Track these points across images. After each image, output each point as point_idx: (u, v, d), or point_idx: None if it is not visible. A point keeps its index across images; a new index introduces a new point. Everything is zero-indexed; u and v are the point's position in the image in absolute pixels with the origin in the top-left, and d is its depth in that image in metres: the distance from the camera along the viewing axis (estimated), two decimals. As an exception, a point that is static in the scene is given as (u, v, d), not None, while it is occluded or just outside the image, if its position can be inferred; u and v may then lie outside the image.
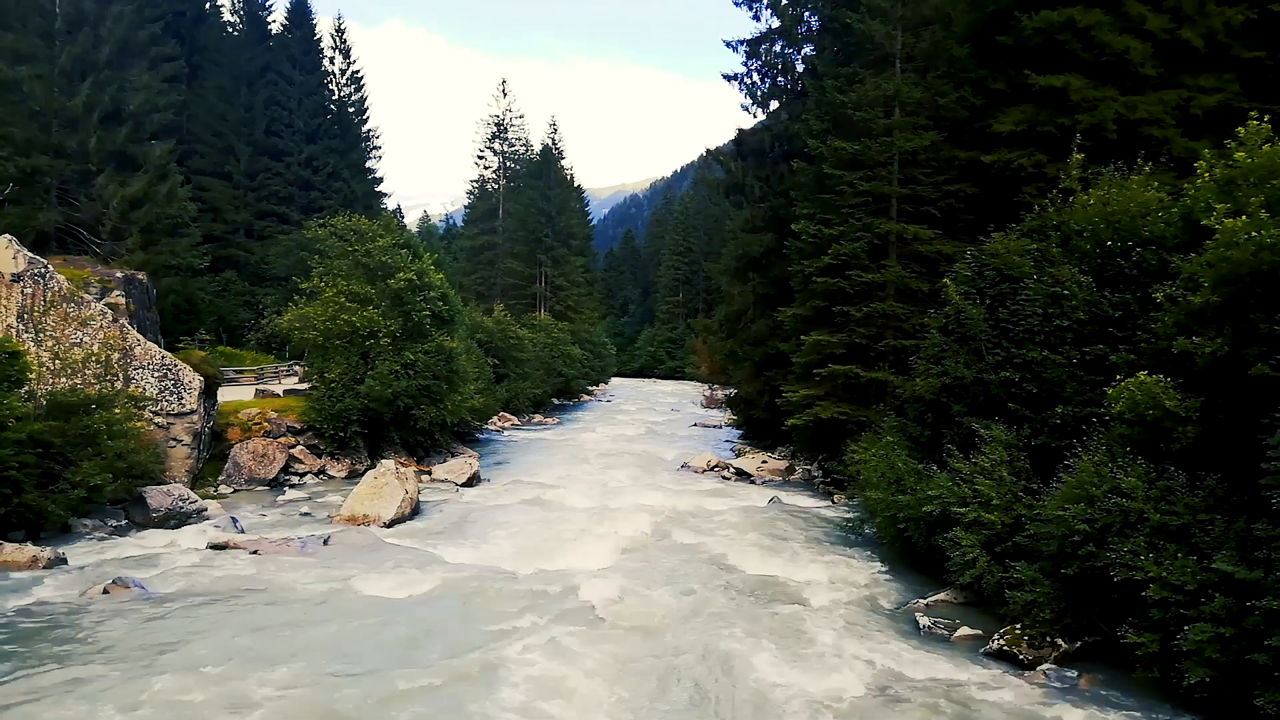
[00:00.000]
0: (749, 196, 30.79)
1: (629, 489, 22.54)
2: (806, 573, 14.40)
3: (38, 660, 9.50)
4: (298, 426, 23.40)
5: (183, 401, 19.69)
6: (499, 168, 70.94)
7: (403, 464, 21.25)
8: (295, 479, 22.21)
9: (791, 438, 25.96)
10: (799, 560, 15.22)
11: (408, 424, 24.77)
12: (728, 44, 30.31)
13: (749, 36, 29.70)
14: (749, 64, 30.00)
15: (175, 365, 19.83)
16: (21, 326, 18.06)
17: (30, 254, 18.72)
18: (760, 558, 15.34)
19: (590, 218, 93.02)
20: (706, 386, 50.00)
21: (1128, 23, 17.19)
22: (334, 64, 50.41)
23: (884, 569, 14.78)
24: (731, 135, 32.25)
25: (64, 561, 13.47)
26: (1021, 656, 10.33)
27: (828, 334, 21.22)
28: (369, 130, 53.31)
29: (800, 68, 29.53)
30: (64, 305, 18.48)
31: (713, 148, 34.83)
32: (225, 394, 24.11)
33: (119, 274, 22.61)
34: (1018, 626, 10.72)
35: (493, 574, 13.78)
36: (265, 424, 22.90)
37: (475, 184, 72.70)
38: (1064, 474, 10.76)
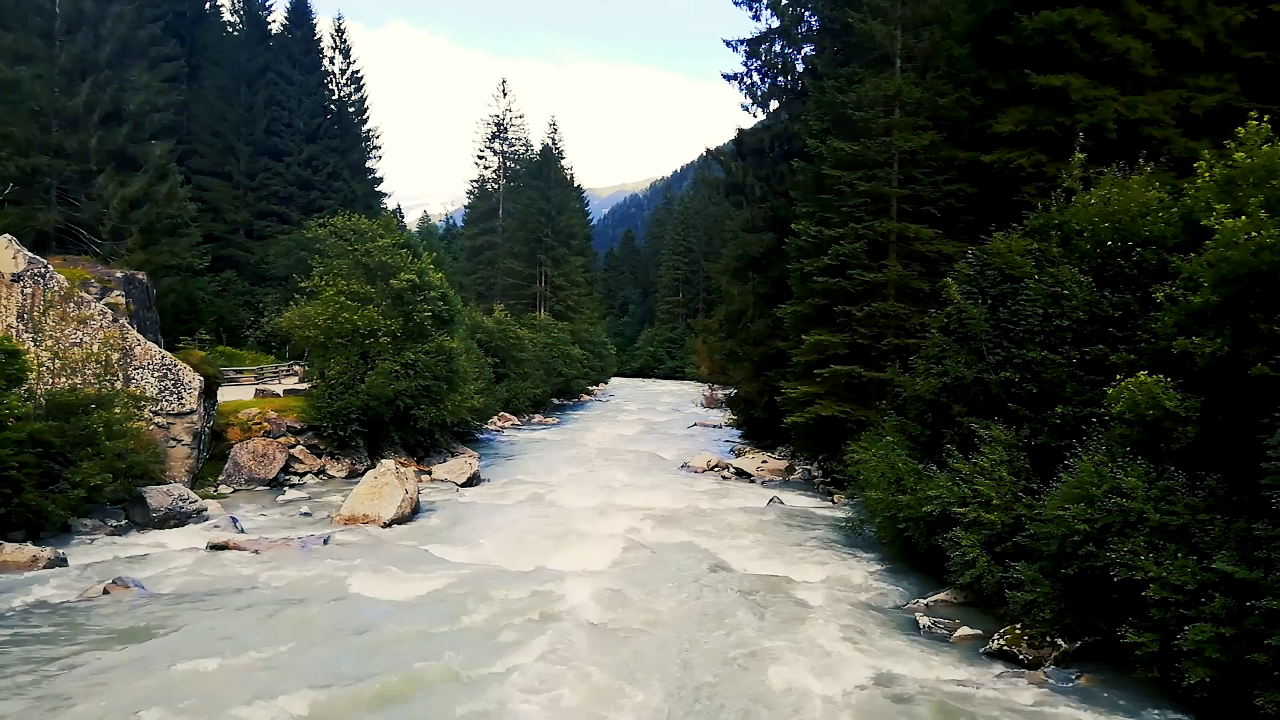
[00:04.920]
0: (749, 196, 30.78)
1: (628, 489, 22.55)
2: (806, 573, 14.40)
3: (38, 660, 9.49)
4: (298, 426, 23.40)
5: (183, 401, 19.68)
6: (499, 168, 70.96)
7: (403, 464, 21.24)
8: (295, 479, 22.21)
9: (791, 437, 25.95)
10: (799, 560, 15.22)
11: (408, 424, 24.78)
12: (728, 44, 30.37)
13: (749, 36, 29.75)
14: (749, 64, 30.03)
15: (175, 365, 19.82)
16: (21, 326, 18.06)
17: (30, 254, 18.72)
18: (760, 558, 15.35)
19: (590, 218, 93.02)
20: (706, 386, 49.94)
21: (1128, 23, 17.19)
22: (334, 64, 50.45)
23: (884, 569, 14.78)
24: (731, 135, 32.27)
25: (64, 561, 13.46)
26: (1021, 656, 10.33)
27: (829, 333, 21.21)
28: (369, 130, 53.36)
29: (800, 68, 29.54)
30: (64, 305, 18.48)
31: (713, 147, 34.82)
32: (225, 394, 24.11)
33: (119, 274, 22.61)
34: (1018, 626, 10.72)
35: (492, 574, 13.78)
36: (265, 424, 22.90)
37: (475, 184, 72.70)
38: (1064, 474, 10.75)
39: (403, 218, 68.76)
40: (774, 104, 30.82)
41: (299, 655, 9.89)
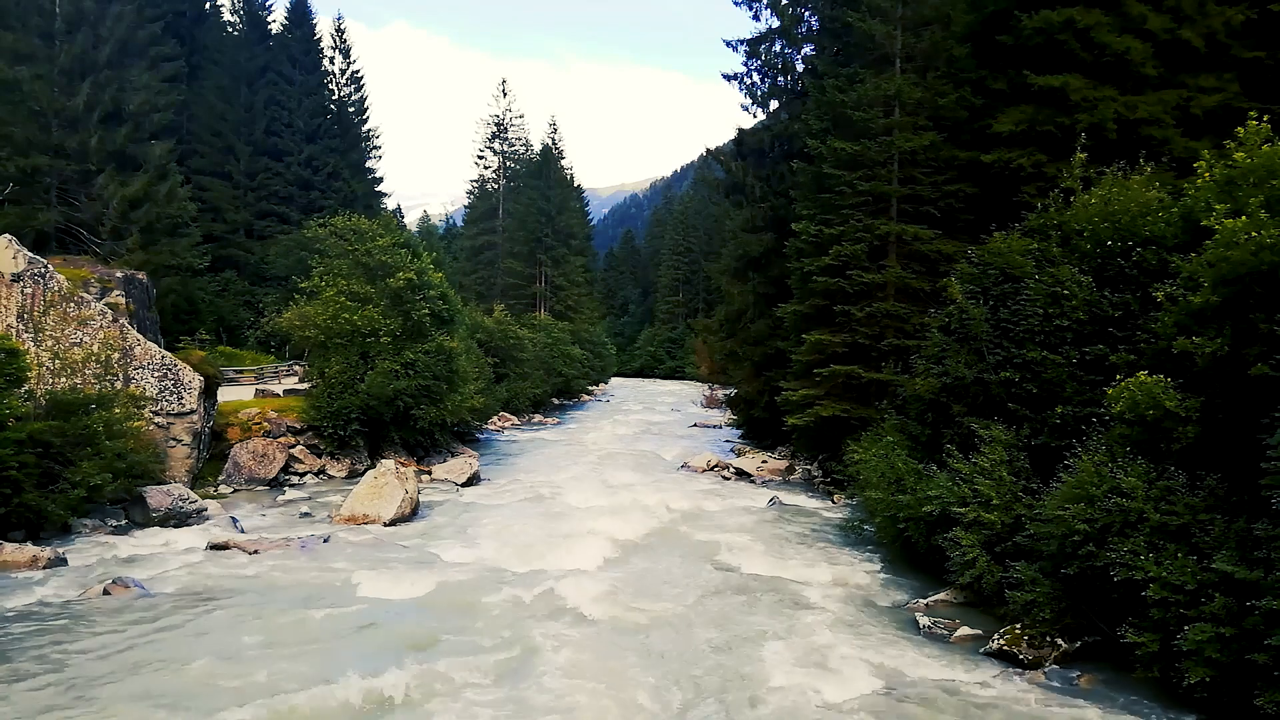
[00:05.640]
0: (749, 196, 30.75)
1: (628, 489, 22.54)
2: (806, 573, 14.40)
3: (38, 660, 9.49)
4: (298, 426, 23.40)
5: (183, 401, 19.68)
6: (499, 168, 70.96)
7: (403, 464, 21.25)
8: (295, 479, 22.21)
9: (791, 438, 25.94)
10: (799, 560, 15.22)
11: (408, 424, 24.78)
12: (728, 44, 30.36)
13: (749, 36, 29.74)
14: (749, 64, 30.01)
15: (175, 365, 19.82)
16: (21, 326, 18.06)
17: (30, 254, 18.72)
18: (760, 557, 15.34)
19: (590, 218, 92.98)
20: (706, 386, 49.94)
21: (1128, 23, 17.19)
22: (334, 64, 50.46)
23: (884, 569, 14.78)
24: (732, 135, 32.26)
25: (64, 561, 13.47)
26: (1021, 656, 10.33)
27: (829, 333, 21.22)
28: (369, 130, 53.33)
29: (800, 68, 29.53)
30: (64, 305, 18.49)
31: (713, 147, 34.83)
32: (225, 394, 24.11)
33: (119, 274, 22.61)
34: (1018, 626, 10.72)
35: (492, 574, 13.78)
36: (265, 424, 22.90)
37: (475, 184, 72.73)
38: (1064, 474, 10.76)
39: (403, 218, 68.64)
40: (774, 104, 30.80)
41: (300, 655, 9.88)
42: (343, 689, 8.89)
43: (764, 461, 26.81)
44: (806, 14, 29.03)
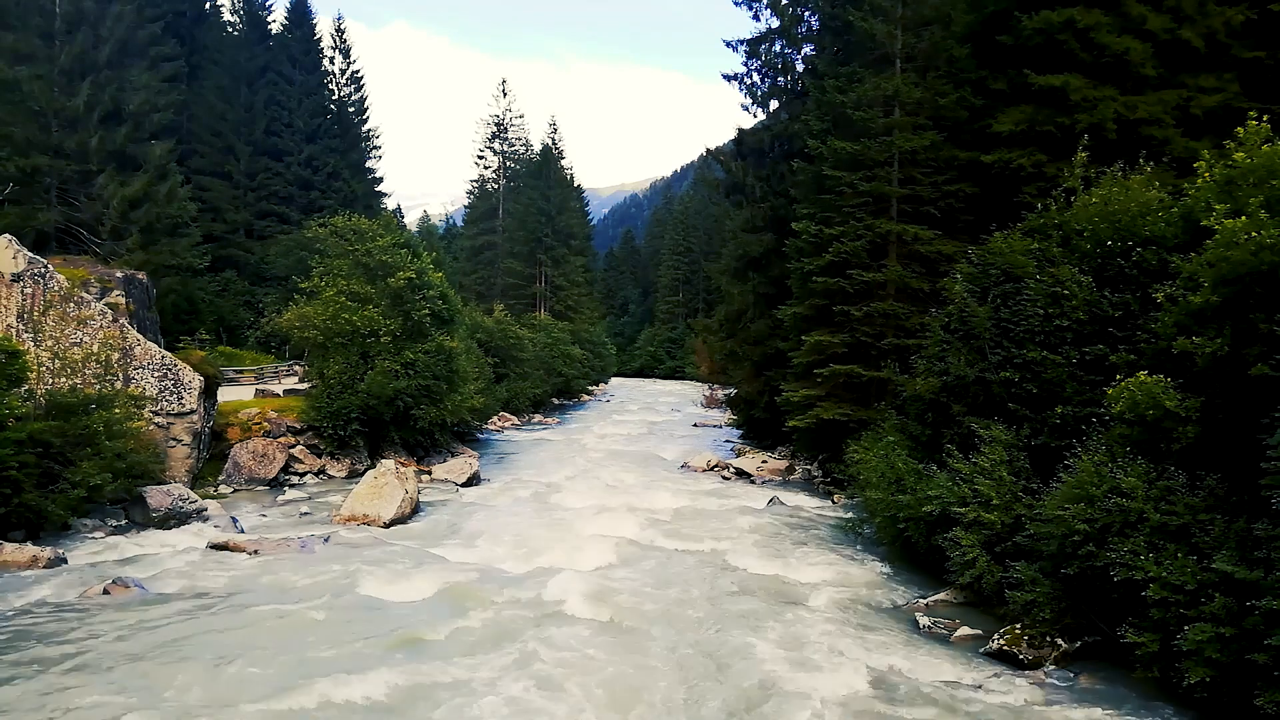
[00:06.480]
0: (749, 196, 30.73)
1: (629, 489, 22.55)
2: (806, 573, 14.40)
3: (37, 660, 9.49)
4: (298, 426, 23.39)
5: (183, 401, 19.68)
6: (499, 168, 70.99)
7: (403, 464, 21.25)
8: (295, 479, 22.20)
9: (791, 438, 25.94)
10: (799, 560, 15.22)
11: (408, 424, 24.77)
12: (728, 44, 30.31)
13: (749, 36, 29.72)
14: (749, 64, 29.98)
15: (175, 365, 19.82)
16: (21, 326, 18.05)
17: (30, 254, 18.71)
18: (760, 557, 15.35)
19: (590, 217, 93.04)
20: (706, 386, 49.95)
21: (1128, 23, 17.19)
22: (334, 64, 50.50)
23: (884, 569, 14.78)
24: (732, 135, 32.22)
25: (64, 561, 13.47)
26: (1021, 656, 10.33)
27: (828, 334, 21.21)
28: (369, 130, 53.38)
29: (800, 67, 29.52)
30: (64, 305, 18.47)
31: (713, 147, 34.78)
32: (225, 394, 24.11)
33: (119, 274, 22.60)
34: (1018, 626, 10.72)
35: (492, 574, 13.79)
36: (265, 424, 22.90)
37: (475, 184, 72.77)
38: (1064, 474, 10.76)
39: (403, 218, 68.66)
40: (774, 104, 30.77)
41: (299, 655, 9.88)
42: (343, 688, 8.89)
43: (764, 461, 26.81)
44: (806, 14, 29.02)
